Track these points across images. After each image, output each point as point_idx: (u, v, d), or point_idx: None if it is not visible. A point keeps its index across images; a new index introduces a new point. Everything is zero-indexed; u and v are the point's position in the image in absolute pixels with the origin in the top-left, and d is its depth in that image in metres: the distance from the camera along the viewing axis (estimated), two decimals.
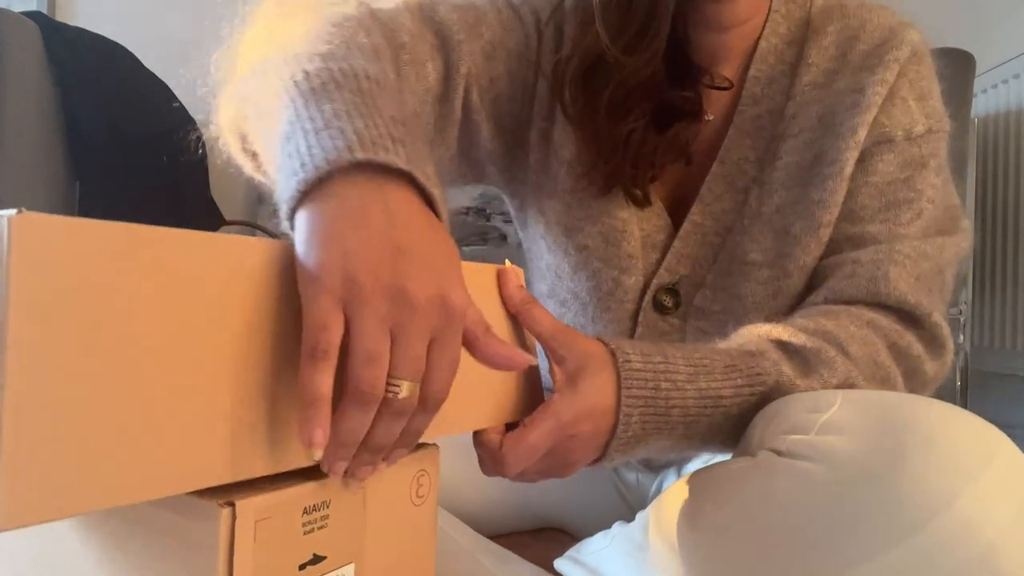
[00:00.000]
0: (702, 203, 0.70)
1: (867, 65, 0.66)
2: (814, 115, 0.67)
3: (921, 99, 0.67)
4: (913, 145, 0.66)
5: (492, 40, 0.69)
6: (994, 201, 1.69)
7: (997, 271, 1.66)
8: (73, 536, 0.37)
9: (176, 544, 0.34)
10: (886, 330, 0.60)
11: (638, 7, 0.63)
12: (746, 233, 0.68)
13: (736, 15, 0.68)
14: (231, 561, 0.33)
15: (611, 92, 0.65)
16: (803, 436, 0.47)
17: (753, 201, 0.68)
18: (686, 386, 0.53)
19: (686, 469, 0.76)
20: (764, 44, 0.70)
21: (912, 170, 0.66)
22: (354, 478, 0.38)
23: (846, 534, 0.42)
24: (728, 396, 0.54)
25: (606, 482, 0.84)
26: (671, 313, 0.71)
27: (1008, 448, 0.42)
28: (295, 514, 0.37)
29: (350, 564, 0.40)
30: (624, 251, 0.71)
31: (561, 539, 0.83)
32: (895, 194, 0.65)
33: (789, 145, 0.68)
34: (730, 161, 0.70)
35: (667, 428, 0.53)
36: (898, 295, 0.61)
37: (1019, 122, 1.63)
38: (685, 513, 0.53)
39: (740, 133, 0.70)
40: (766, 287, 0.67)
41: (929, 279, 0.63)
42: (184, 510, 0.34)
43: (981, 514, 0.39)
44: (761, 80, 0.70)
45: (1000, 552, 0.39)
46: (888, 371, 0.58)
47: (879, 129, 0.65)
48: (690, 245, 0.71)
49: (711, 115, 0.71)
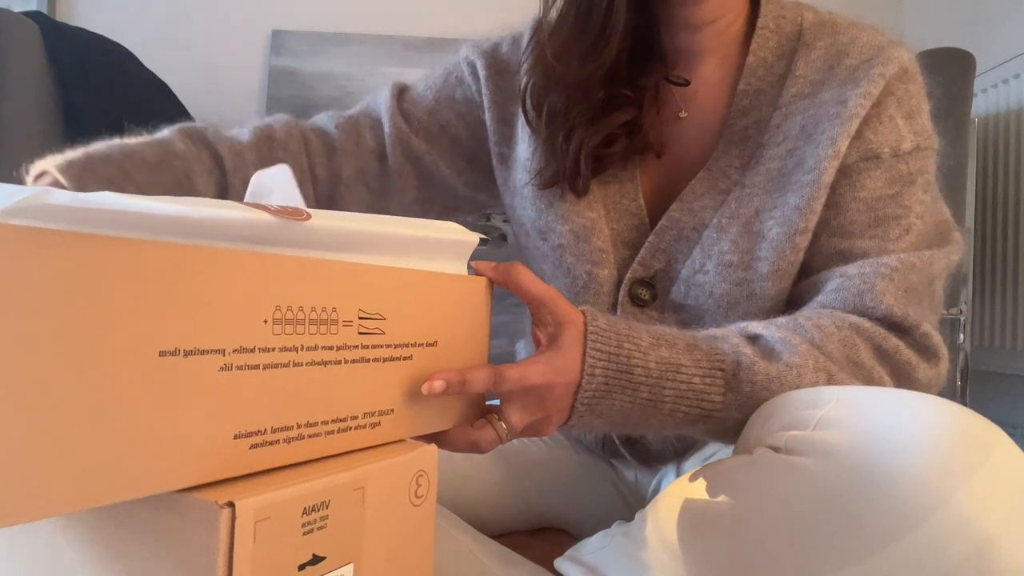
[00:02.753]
0: (682, 202, 0.72)
1: (853, 78, 0.67)
2: (797, 124, 0.68)
3: (909, 117, 0.68)
4: (901, 162, 0.66)
5: (436, 97, 0.84)
6: (994, 201, 1.69)
7: (997, 271, 1.66)
8: (71, 538, 0.37)
9: (175, 544, 0.34)
10: (870, 332, 0.60)
11: (588, 32, 0.70)
12: (723, 232, 0.69)
13: (704, 16, 0.71)
14: (231, 561, 0.33)
15: (553, 96, 0.72)
16: (801, 432, 0.47)
17: (732, 202, 0.69)
18: (648, 351, 0.55)
19: (685, 468, 0.77)
20: (753, 58, 0.72)
21: (900, 186, 0.66)
22: None
23: (844, 530, 0.42)
24: (689, 366, 0.55)
25: (605, 482, 0.84)
26: (648, 306, 0.72)
27: (1005, 444, 0.42)
28: (295, 514, 0.37)
29: (349, 564, 0.40)
30: (595, 245, 0.73)
31: (561, 539, 0.83)
32: (884, 210, 0.66)
33: (772, 152, 0.69)
34: (716, 168, 0.71)
35: (631, 388, 0.54)
36: (885, 308, 0.61)
37: (1019, 122, 1.63)
38: (684, 511, 0.53)
39: (729, 143, 0.72)
40: (740, 288, 0.68)
41: (918, 291, 0.63)
42: (183, 510, 0.34)
43: (978, 510, 0.39)
44: (750, 92, 0.72)
45: (997, 548, 0.39)
46: (871, 371, 0.59)
47: (866, 145, 0.66)
48: (665, 240, 0.72)
49: (685, 113, 0.75)
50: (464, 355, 0.53)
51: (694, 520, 0.52)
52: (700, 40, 0.73)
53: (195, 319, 0.34)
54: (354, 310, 0.43)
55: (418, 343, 0.48)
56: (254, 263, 0.37)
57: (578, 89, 0.71)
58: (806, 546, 0.43)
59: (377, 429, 0.46)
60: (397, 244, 0.46)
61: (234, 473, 0.37)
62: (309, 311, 0.40)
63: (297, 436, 0.40)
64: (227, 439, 0.36)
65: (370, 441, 0.45)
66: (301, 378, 0.40)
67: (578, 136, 0.72)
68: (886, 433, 0.43)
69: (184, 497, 0.34)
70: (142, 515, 0.35)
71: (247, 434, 0.37)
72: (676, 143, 0.75)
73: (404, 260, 0.47)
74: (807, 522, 0.44)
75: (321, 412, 0.42)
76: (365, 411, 0.45)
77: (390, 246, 0.46)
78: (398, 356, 0.46)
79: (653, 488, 0.81)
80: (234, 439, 0.37)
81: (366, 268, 0.44)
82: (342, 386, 0.43)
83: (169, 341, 0.33)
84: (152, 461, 0.33)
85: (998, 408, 1.62)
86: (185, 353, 0.34)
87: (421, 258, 0.49)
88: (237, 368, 0.36)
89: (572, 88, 0.71)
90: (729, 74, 0.74)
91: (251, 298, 0.37)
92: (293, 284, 0.39)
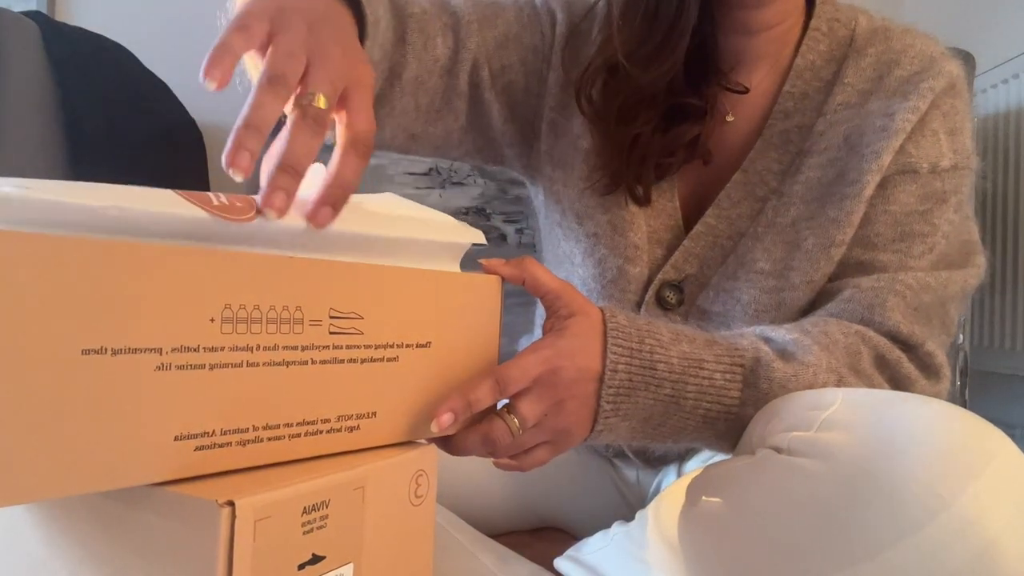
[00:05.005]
0: (718, 207, 0.71)
1: (901, 91, 0.66)
2: (841, 134, 0.67)
3: (952, 134, 0.67)
4: (936, 179, 0.66)
5: (506, 32, 0.75)
6: (994, 201, 1.69)
7: (997, 271, 1.66)
8: (70, 537, 0.37)
9: (175, 543, 0.34)
10: (874, 342, 0.60)
11: (657, 30, 0.67)
12: (758, 241, 0.68)
13: (765, 20, 0.70)
14: (230, 561, 0.33)
15: (622, 100, 0.69)
16: (804, 433, 0.47)
17: (769, 211, 0.68)
18: (669, 347, 0.54)
19: (686, 468, 0.77)
20: (801, 61, 0.71)
21: (932, 203, 0.65)
22: (270, 208, 0.39)
23: (846, 532, 0.42)
24: (710, 361, 0.55)
25: (606, 481, 0.84)
26: (673, 310, 0.71)
27: (1008, 448, 0.42)
28: (294, 514, 0.37)
29: (349, 564, 0.40)
30: (630, 240, 0.72)
31: (561, 538, 0.83)
32: (911, 226, 0.65)
33: (813, 161, 0.68)
34: (753, 171, 0.70)
35: (655, 384, 0.54)
36: (891, 324, 0.61)
37: (1019, 122, 1.63)
38: (684, 512, 0.53)
39: (767, 145, 0.70)
40: (770, 296, 0.67)
41: (928, 311, 0.63)
42: (183, 510, 0.34)
43: (981, 513, 0.39)
44: (795, 95, 0.71)
45: (1000, 551, 0.39)
46: (871, 379, 0.58)
47: (906, 158, 0.65)
48: (700, 246, 0.71)
49: (732, 117, 0.73)
50: (465, 357, 0.51)
51: (695, 520, 0.51)
52: (756, 45, 0.71)
53: (125, 317, 0.33)
54: (324, 309, 0.41)
55: (406, 344, 0.46)
56: (195, 260, 0.36)
57: (647, 94, 0.69)
58: (808, 547, 0.43)
59: (355, 433, 0.44)
60: (381, 246, 0.45)
61: (182, 475, 0.36)
62: (267, 310, 0.39)
63: (254, 439, 0.39)
64: (166, 440, 0.35)
65: (348, 445, 0.44)
66: (258, 379, 0.39)
67: (644, 143, 0.70)
68: (889, 435, 0.43)
69: (183, 496, 0.34)
70: (141, 514, 0.35)
71: (191, 435, 0.36)
72: (719, 146, 0.73)
73: (389, 259, 0.46)
74: (809, 523, 0.43)
75: (285, 414, 0.40)
76: (340, 414, 0.43)
77: (374, 248, 0.45)
78: (380, 357, 0.45)
79: (654, 488, 0.81)
80: (175, 440, 0.35)
81: (339, 265, 0.42)
82: (310, 388, 0.41)
83: (94, 339, 0.32)
84: (80, 459, 0.32)
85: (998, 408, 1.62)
86: (113, 352, 0.33)
87: (408, 258, 0.47)
88: (177, 368, 0.35)
89: (641, 91, 0.69)
90: (779, 78, 0.72)
91: (193, 296, 0.35)
92: (246, 282, 0.38)
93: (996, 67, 1.68)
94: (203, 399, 0.36)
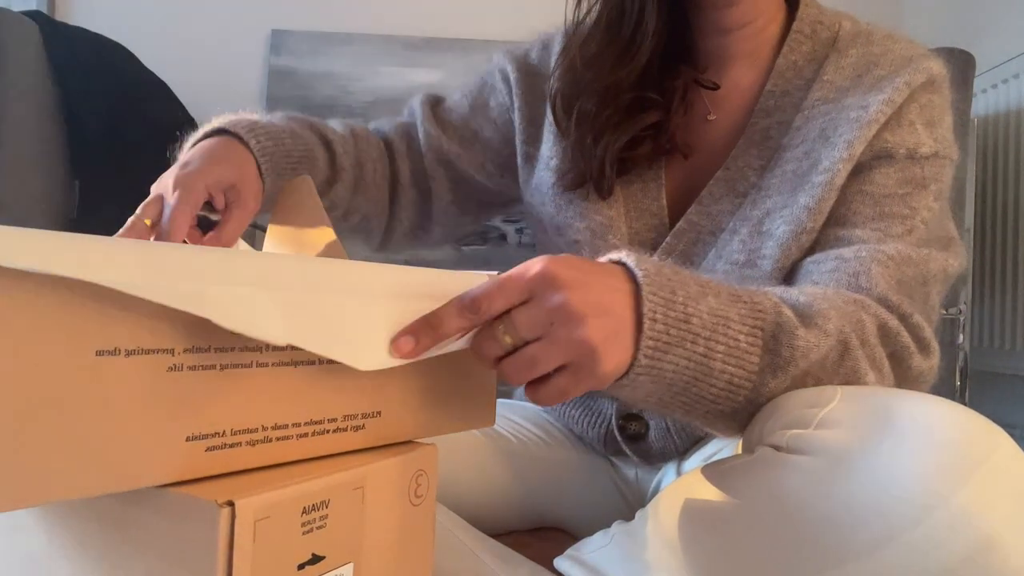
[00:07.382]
0: (700, 204, 0.72)
1: (878, 87, 0.67)
2: (817, 127, 0.68)
3: (930, 125, 0.67)
4: (916, 164, 0.66)
5: (472, 105, 0.87)
6: (994, 201, 1.69)
7: (997, 271, 1.66)
8: (71, 537, 0.37)
9: (175, 543, 0.34)
10: (875, 309, 0.58)
11: (619, 38, 0.71)
12: (735, 234, 0.69)
13: (737, 19, 0.71)
14: (230, 560, 0.33)
15: (580, 103, 0.73)
16: (802, 431, 0.47)
17: (748, 205, 0.69)
18: (699, 300, 0.49)
19: (686, 467, 0.77)
20: (783, 61, 0.72)
21: (911, 188, 0.65)
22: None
23: (844, 528, 0.42)
24: (735, 321, 0.50)
25: (606, 480, 0.84)
26: None
27: (1006, 444, 0.42)
28: (294, 514, 0.37)
29: (349, 564, 0.40)
30: (611, 243, 0.73)
31: (561, 538, 0.83)
32: (890, 207, 0.65)
33: (790, 155, 0.69)
34: (735, 167, 0.71)
35: (690, 339, 0.48)
36: (879, 291, 0.59)
37: (1019, 122, 1.63)
38: (685, 510, 0.53)
39: (749, 142, 0.71)
40: (743, 285, 0.67)
41: (911, 286, 0.62)
42: (183, 509, 0.34)
43: (979, 509, 0.39)
44: (776, 93, 0.72)
45: (998, 546, 0.39)
46: (875, 351, 0.56)
47: (881, 144, 0.66)
48: (683, 242, 0.72)
49: (713, 115, 0.75)
50: (470, 354, 0.50)
51: (695, 519, 0.51)
52: (731, 43, 0.73)
53: (140, 319, 0.33)
54: None
55: None
56: None
57: (607, 94, 0.72)
58: (807, 544, 0.43)
59: (360, 432, 0.44)
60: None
61: (192, 475, 0.36)
62: None
63: (263, 439, 0.39)
64: (179, 441, 0.35)
65: (353, 444, 0.44)
66: (268, 379, 0.39)
67: (605, 139, 0.72)
68: (887, 432, 0.43)
69: (184, 496, 0.34)
70: (141, 513, 0.35)
71: (202, 436, 0.36)
72: (703, 145, 0.75)
73: None
74: (808, 520, 0.43)
75: (293, 414, 0.40)
76: (346, 413, 0.43)
77: None
78: None
79: (654, 487, 0.81)
80: (187, 441, 0.35)
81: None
82: (318, 388, 0.41)
83: (108, 341, 0.32)
84: (93, 461, 0.32)
85: (998, 408, 1.62)
86: (127, 353, 0.33)
87: None
88: (189, 368, 0.35)
89: (602, 93, 0.72)
90: (760, 77, 0.74)
91: None
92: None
93: (996, 67, 1.68)
94: (215, 399, 0.37)
